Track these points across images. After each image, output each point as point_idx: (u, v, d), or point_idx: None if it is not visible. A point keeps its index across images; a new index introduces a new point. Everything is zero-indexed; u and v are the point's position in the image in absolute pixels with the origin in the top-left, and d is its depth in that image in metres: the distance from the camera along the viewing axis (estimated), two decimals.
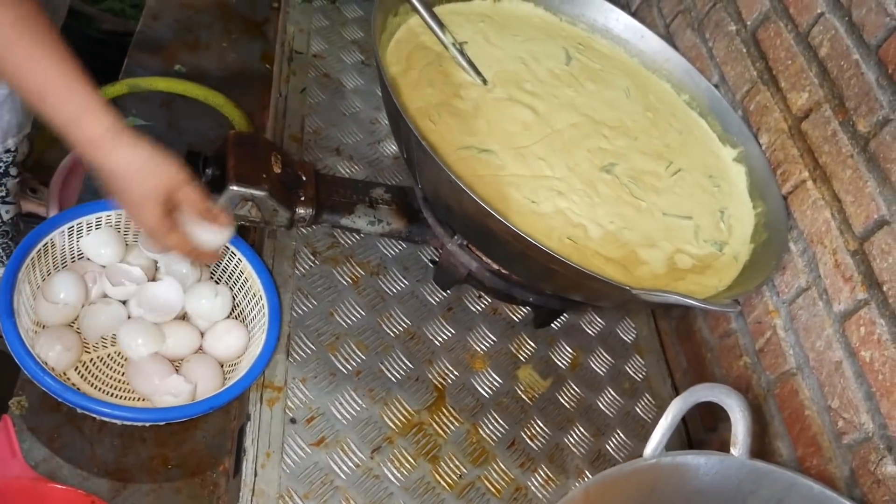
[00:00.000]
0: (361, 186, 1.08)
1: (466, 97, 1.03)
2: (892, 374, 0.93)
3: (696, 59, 1.42)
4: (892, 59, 1.03)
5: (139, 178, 0.80)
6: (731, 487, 0.73)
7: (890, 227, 0.98)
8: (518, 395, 1.06)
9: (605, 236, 0.97)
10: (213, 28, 1.32)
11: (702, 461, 0.71)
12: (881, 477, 0.92)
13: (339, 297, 1.03)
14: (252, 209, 0.98)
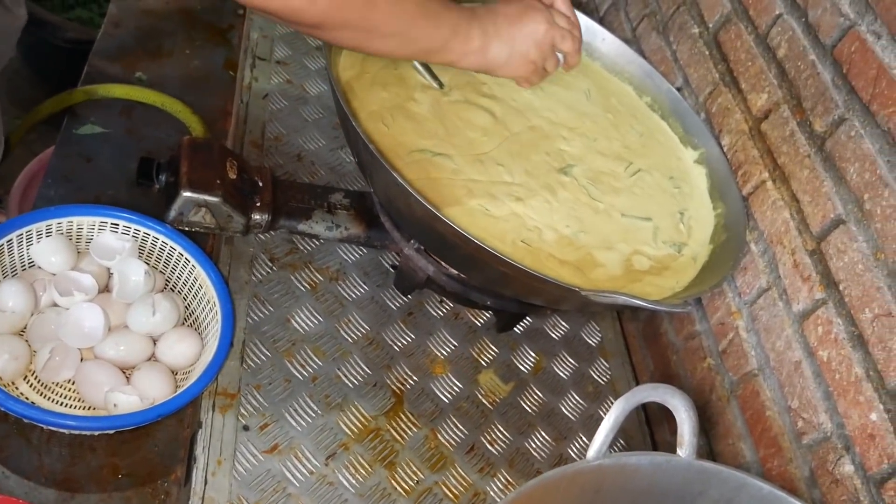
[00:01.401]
0: (320, 192, 1.08)
1: (421, 100, 1.02)
2: (848, 373, 0.93)
3: (661, 61, 1.42)
4: (846, 59, 1.04)
5: (518, 57, 0.97)
6: (679, 488, 0.72)
7: (846, 226, 0.98)
8: (479, 399, 1.05)
9: (559, 239, 0.97)
10: (177, 35, 1.32)
11: (646, 462, 0.70)
12: (839, 476, 0.91)
13: (297, 303, 1.03)
14: (206, 215, 0.97)
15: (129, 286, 0.91)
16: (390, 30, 0.86)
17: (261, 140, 1.18)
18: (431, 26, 0.89)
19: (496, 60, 0.95)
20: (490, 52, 0.94)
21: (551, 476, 0.65)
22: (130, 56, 1.25)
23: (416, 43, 0.90)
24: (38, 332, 0.87)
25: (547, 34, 0.98)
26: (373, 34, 0.86)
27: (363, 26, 0.84)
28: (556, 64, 1.04)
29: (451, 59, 0.94)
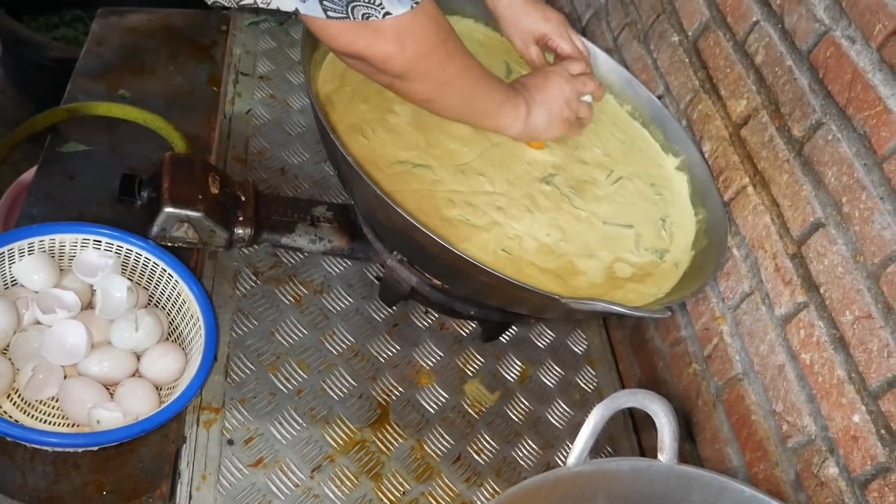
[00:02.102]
0: (303, 205, 1.08)
1: (401, 112, 1.03)
2: (830, 375, 0.94)
3: (643, 70, 1.43)
4: (822, 64, 1.05)
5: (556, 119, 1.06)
6: (661, 493, 0.72)
7: (825, 229, 0.99)
8: (465, 409, 1.05)
9: (540, 248, 0.97)
10: (160, 52, 1.32)
11: (627, 467, 0.70)
12: (824, 479, 0.92)
13: (281, 316, 1.03)
14: (189, 230, 0.98)
15: (112, 303, 0.91)
16: (460, 86, 0.93)
17: (244, 155, 1.18)
18: (492, 90, 0.98)
19: (538, 126, 1.05)
20: (532, 120, 1.04)
21: (532, 483, 0.66)
22: (113, 74, 1.25)
23: (477, 102, 0.97)
24: (21, 350, 0.87)
25: (571, 90, 1.08)
26: (446, 88, 0.92)
27: (440, 79, 0.90)
28: (588, 109, 1.12)
29: (502, 125, 1.03)
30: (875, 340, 0.89)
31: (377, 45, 0.82)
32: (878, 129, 0.94)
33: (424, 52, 0.85)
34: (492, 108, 1.00)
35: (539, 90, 1.06)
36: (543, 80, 1.07)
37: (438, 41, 0.87)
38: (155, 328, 0.90)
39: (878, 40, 0.97)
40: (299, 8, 0.80)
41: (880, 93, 0.95)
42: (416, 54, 0.84)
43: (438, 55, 0.87)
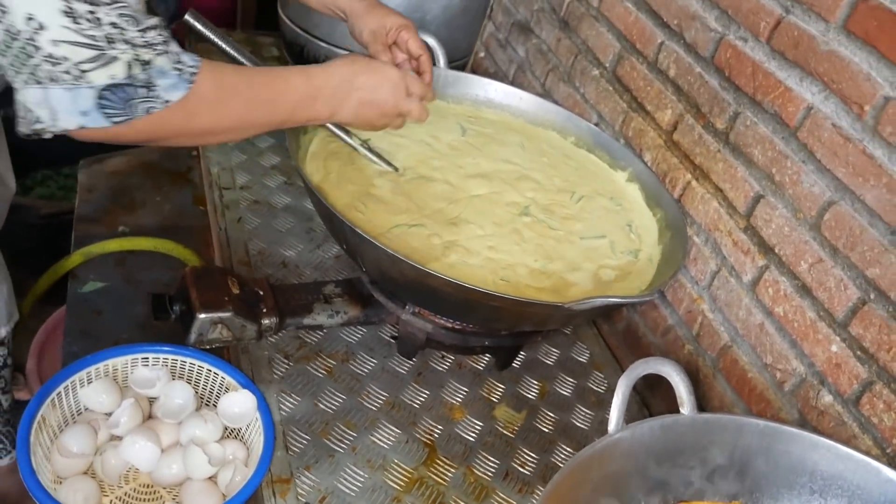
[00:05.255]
0: (313, 287, 1.20)
1: (381, 185, 1.17)
2: (803, 319, 1.08)
3: (574, 105, 1.61)
4: (725, 65, 1.22)
5: (378, 107, 1.08)
6: (692, 442, 0.84)
7: (765, 199, 1.14)
8: (500, 431, 1.16)
9: (532, 272, 1.10)
10: (144, 187, 1.44)
11: (657, 424, 0.82)
12: (822, 408, 1.04)
13: (319, 388, 1.13)
14: (223, 330, 1.08)
15: (173, 407, 1.00)
16: (255, 119, 1.00)
17: (247, 258, 1.30)
18: (287, 101, 1.02)
19: (346, 117, 1.09)
20: (341, 113, 1.08)
21: (584, 455, 0.77)
22: (109, 214, 1.37)
23: (280, 117, 1.03)
24: (104, 467, 0.96)
25: (395, 83, 1.11)
26: (243, 128, 1.01)
27: (236, 125, 0.98)
28: (402, 120, 1.16)
29: (304, 122, 1.08)
30: (831, 279, 1.04)
31: (164, 126, 0.88)
32: (785, 106, 1.11)
33: (213, 117, 0.92)
34: (295, 115, 1.04)
35: (363, 83, 1.07)
36: (367, 67, 1.09)
37: (222, 103, 0.93)
38: (218, 422, 1.00)
39: (766, 35, 1.15)
40: (84, 124, 0.83)
41: (779, 77, 1.12)
42: (209, 118, 0.92)
43: (226, 113, 0.94)
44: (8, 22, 0.79)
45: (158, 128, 0.88)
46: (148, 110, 0.85)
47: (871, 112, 0.98)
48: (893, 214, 0.95)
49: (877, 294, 0.97)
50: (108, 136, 0.86)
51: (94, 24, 0.79)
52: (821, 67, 1.05)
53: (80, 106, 0.82)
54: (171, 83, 0.85)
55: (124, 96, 0.83)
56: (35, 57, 0.79)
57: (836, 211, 1.03)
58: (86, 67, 0.80)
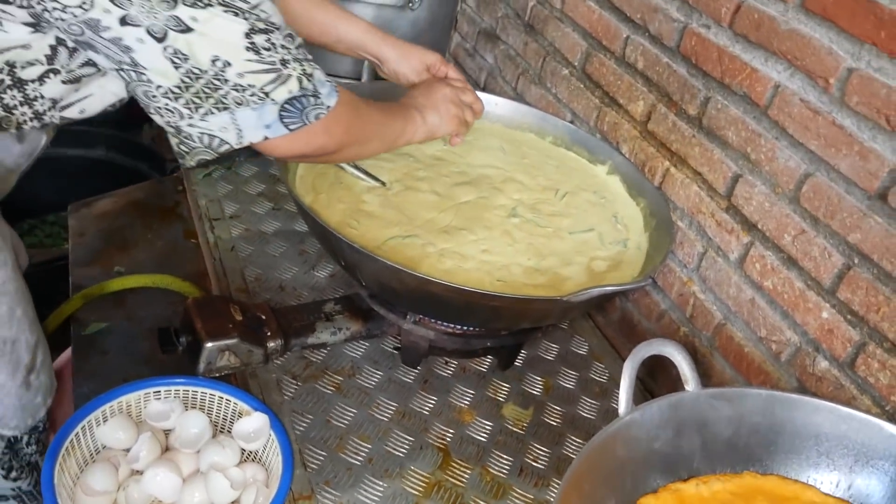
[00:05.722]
0: (314, 307, 1.22)
1: (371, 200, 1.19)
2: (792, 290, 1.11)
3: (548, 106, 1.64)
4: (691, 53, 1.26)
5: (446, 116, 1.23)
6: (701, 416, 0.87)
7: (743, 178, 1.18)
8: (510, 429, 1.18)
9: (526, 271, 1.13)
10: (135, 226, 1.46)
11: (665, 403, 0.85)
12: (819, 374, 1.08)
13: (330, 404, 1.15)
14: (230, 357, 1.10)
15: (190, 437, 1.02)
16: (374, 134, 1.12)
17: (244, 285, 1.32)
18: (394, 122, 1.17)
19: (434, 125, 1.22)
20: (428, 122, 1.21)
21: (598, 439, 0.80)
22: (104, 256, 1.38)
23: (388, 138, 1.16)
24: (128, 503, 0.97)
25: (453, 93, 1.26)
26: (366, 143, 1.10)
27: (361, 139, 1.08)
28: (472, 114, 1.29)
29: (409, 138, 1.20)
30: (815, 248, 1.07)
31: (312, 141, 0.98)
32: (753, 86, 1.15)
33: (346, 129, 1.02)
34: (398, 135, 1.18)
35: (424, 96, 1.24)
36: (427, 87, 1.26)
37: (355, 116, 1.04)
38: (235, 446, 1.02)
39: (727, 20, 1.19)
40: (267, 135, 0.94)
41: (744, 59, 1.16)
42: (342, 134, 1.02)
43: (355, 126, 1.05)
44: (188, 66, 0.86)
45: (306, 145, 0.98)
46: (317, 116, 0.95)
47: (836, 84, 1.02)
48: (868, 180, 0.99)
49: (860, 258, 1.01)
50: (266, 147, 0.96)
51: (271, 50, 0.89)
52: (784, 46, 1.09)
53: (264, 120, 0.92)
54: (328, 91, 0.96)
55: (300, 106, 0.93)
56: (222, 88, 0.88)
57: (813, 182, 1.07)
58: (268, 89, 0.90)
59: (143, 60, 0.86)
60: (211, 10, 0.84)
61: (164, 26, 0.83)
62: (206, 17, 0.84)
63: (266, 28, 0.88)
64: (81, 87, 0.97)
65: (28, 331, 1.08)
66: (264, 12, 0.88)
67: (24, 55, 0.90)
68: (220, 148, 0.94)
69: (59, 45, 0.91)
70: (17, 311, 1.06)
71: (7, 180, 1.10)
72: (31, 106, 0.96)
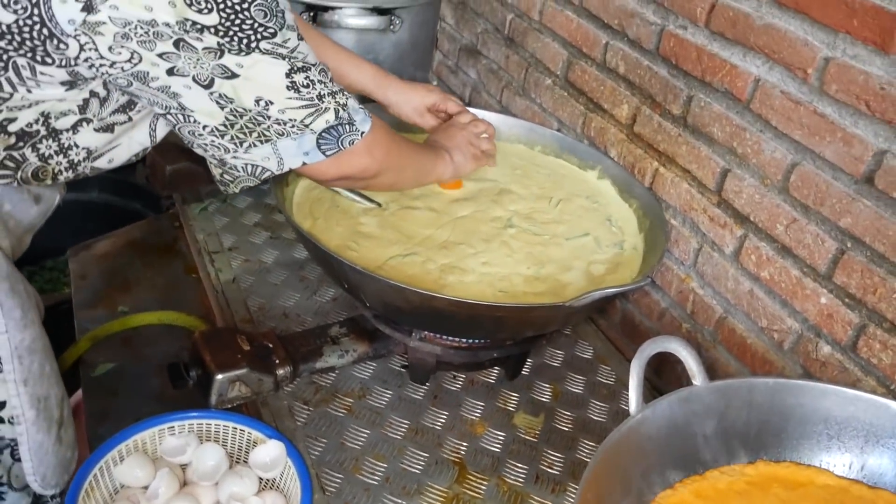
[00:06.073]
0: (319, 331, 1.23)
1: (368, 222, 1.21)
2: (789, 278, 1.13)
3: (534, 116, 1.66)
4: (671, 54, 1.28)
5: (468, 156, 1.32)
6: (711, 409, 0.88)
7: (732, 172, 1.20)
8: (522, 438, 1.19)
9: (527, 280, 1.15)
10: (135, 265, 1.47)
11: (675, 398, 0.86)
12: (823, 359, 1.09)
13: (342, 427, 1.16)
14: (241, 387, 1.11)
15: (207, 470, 1.03)
16: (409, 164, 1.20)
17: (248, 315, 1.33)
18: (426, 157, 1.26)
19: (460, 164, 1.31)
20: (455, 162, 1.30)
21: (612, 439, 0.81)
22: (106, 297, 1.39)
23: (423, 171, 1.25)
24: None
25: (468, 132, 1.35)
26: (403, 171, 1.18)
27: (399, 167, 1.16)
28: (488, 143, 1.38)
29: (439, 175, 1.28)
30: (808, 236, 1.09)
31: (354, 162, 1.04)
32: (734, 81, 1.17)
33: (386, 153, 1.08)
34: (431, 168, 1.26)
35: (447, 139, 1.32)
36: (444, 132, 1.34)
37: (391, 140, 1.10)
38: (253, 475, 1.02)
39: (703, 19, 1.21)
40: (306, 161, 1.00)
41: (723, 56, 1.19)
42: (382, 157, 1.07)
43: (393, 151, 1.11)
44: (232, 107, 0.91)
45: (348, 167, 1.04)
46: (352, 141, 1.01)
47: (814, 74, 1.04)
48: (854, 165, 1.01)
49: (853, 242, 1.03)
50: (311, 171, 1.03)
51: (309, 87, 0.95)
52: (760, 41, 1.12)
53: (303, 148, 0.98)
54: (362, 118, 1.02)
55: (336, 134, 0.99)
56: (265, 123, 0.94)
57: (801, 171, 1.09)
58: (308, 121, 0.96)
59: (190, 104, 0.90)
60: (254, 56, 0.88)
61: (210, 74, 0.87)
62: (250, 63, 0.88)
63: (304, 66, 0.93)
64: (113, 136, 1.00)
65: (56, 385, 1.09)
66: (301, 53, 0.93)
67: (58, 107, 0.93)
68: (262, 175, 1.00)
69: (91, 97, 0.94)
70: (46, 367, 1.07)
71: (24, 241, 1.12)
72: (66, 155, 0.98)
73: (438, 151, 1.28)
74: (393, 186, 1.22)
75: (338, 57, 1.32)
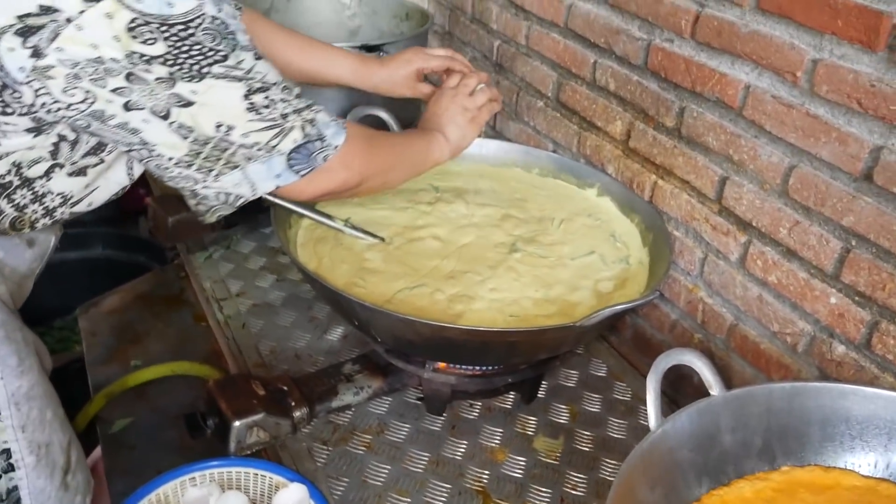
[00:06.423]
0: (333, 370, 1.23)
1: (373, 258, 1.21)
2: (797, 281, 1.13)
3: (529, 138, 1.68)
4: (660, 67, 1.29)
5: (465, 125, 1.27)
6: (730, 419, 0.88)
7: (730, 179, 1.21)
8: (544, 462, 1.18)
9: (536, 303, 1.15)
10: (144, 318, 1.47)
11: (694, 410, 0.86)
12: (838, 359, 1.09)
13: (363, 464, 1.15)
14: (259, 433, 1.11)
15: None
16: (397, 162, 1.16)
17: (260, 359, 1.33)
18: (416, 145, 1.22)
19: (457, 139, 1.27)
20: (451, 139, 1.26)
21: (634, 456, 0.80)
22: (118, 352, 1.40)
23: (414, 163, 1.21)
24: None
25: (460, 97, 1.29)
26: (391, 171, 1.15)
27: (385, 168, 1.12)
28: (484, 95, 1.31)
29: (436, 159, 1.24)
30: (812, 237, 1.09)
31: (332, 178, 1.02)
32: (724, 90, 1.18)
33: (365, 161, 1.06)
34: (424, 157, 1.22)
35: (438, 115, 1.27)
36: (436, 104, 1.29)
37: (369, 147, 1.08)
38: None
39: (689, 31, 1.23)
40: (279, 184, 0.98)
41: (711, 66, 1.20)
42: (362, 166, 1.05)
43: (374, 157, 1.08)
44: (195, 136, 0.89)
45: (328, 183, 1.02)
46: (325, 157, 0.98)
47: (804, 77, 1.05)
48: (851, 163, 1.01)
49: (857, 240, 1.03)
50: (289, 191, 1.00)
51: (270, 107, 0.92)
52: (747, 48, 1.13)
53: (274, 171, 0.96)
54: (334, 131, 0.99)
55: (306, 152, 0.96)
56: (230, 149, 0.92)
57: (799, 174, 1.09)
58: (274, 143, 0.94)
59: (152, 138, 0.89)
60: (208, 82, 0.87)
61: (165, 104, 0.86)
62: (204, 89, 0.87)
63: (262, 87, 0.91)
64: (89, 179, 1.00)
65: (60, 431, 1.09)
66: (259, 72, 0.91)
67: (28, 155, 0.93)
68: (236, 202, 0.98)
69: (60, 141, 0.94)
70: (47, 413, 1.08)
71: (24, 286, 1.12)
72: (41, 203, 0.98)
73: (430, 135, 1.24)
74: (384, 188, 1.18)
75: (312, 56, 1.29)
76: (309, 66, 1.31)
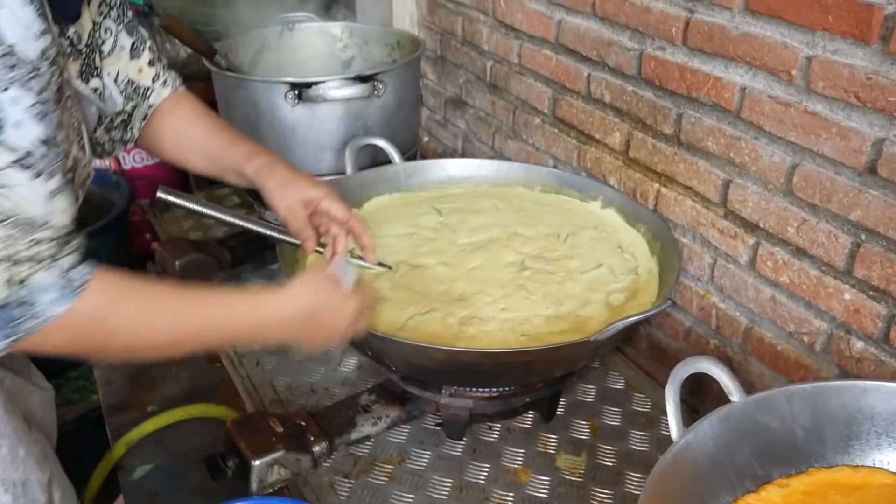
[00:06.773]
0: (349, 402, 1.22)
1: (382, 286, 1.21)
2: (809, 279, 1.12)
3: (529, 156, 1.68)
4: (654, 76, 1.30)
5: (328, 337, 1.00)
6: (753, 424, 0.87)
7: (734, 182, 1.20)
8: (568, 479, 1.17)
9: (547, 320, 1.14)
10: (158, 363, 1.47)
11: (716, 418, 0.85)
12: (857, 355, 1.08)
13: (387, 494, 1.15)
14: (280, 470, 1.10)
15: None
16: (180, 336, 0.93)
17: (277, 396, 1.32)
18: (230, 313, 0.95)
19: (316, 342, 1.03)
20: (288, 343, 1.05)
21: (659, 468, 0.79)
22: (135, 399, 1.40)
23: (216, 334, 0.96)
24: None
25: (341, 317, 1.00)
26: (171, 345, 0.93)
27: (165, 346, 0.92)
28: None
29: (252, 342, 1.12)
30: (820, 234, 1.09)
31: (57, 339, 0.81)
32: (721, 93, 1.18)
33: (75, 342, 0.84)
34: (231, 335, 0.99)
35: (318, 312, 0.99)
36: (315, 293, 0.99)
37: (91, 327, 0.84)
38: None
39: (680, 38, 1.23)
40: None
41: (705, 70, 1.20)
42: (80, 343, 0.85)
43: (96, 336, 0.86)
44: None
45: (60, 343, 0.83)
46: (29, 330, 0.79)
47: (799, 75, 1.05)
48: (854, 158, 1.01)
49: (867, 234, 1.02)
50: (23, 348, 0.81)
51: None
52: (740, 50, 1.13)
53: None
54: (53, 298, 0.79)
55: (6, 317, 0.78)
56: None
57: (802, 172, 1.09)
58: None
59: None
60: None
61: None
62: None
63: None
64: None
65: (37, 469, 1.05)
66: None
67: None
68: None
69: None
70: (19, 451, 1.03)
71: None
72: None
73: (266, 322, 0.96)
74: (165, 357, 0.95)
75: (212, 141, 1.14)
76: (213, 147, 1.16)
